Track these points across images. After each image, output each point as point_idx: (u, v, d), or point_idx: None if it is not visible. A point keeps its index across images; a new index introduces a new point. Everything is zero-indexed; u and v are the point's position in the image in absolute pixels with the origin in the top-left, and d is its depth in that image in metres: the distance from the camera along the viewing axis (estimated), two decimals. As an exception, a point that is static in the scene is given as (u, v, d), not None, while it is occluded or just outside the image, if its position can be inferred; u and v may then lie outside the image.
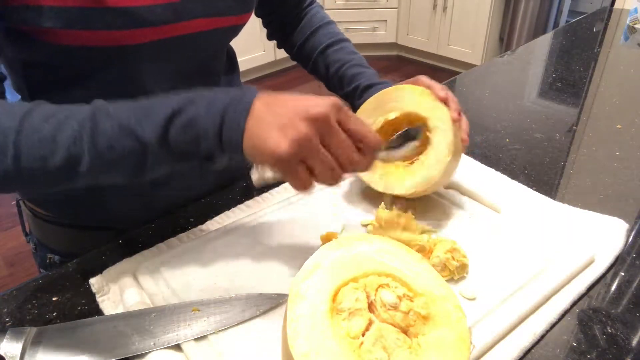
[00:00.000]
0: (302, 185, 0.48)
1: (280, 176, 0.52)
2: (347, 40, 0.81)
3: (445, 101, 0.64)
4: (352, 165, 0.48)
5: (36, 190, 0.49)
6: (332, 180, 0.48)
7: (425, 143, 0.65)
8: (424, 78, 0.66)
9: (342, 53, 0.78)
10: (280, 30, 0.84)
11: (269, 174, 0.55)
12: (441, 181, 0.65)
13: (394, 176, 0.66)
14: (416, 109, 0.65)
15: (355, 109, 0.73)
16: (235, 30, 0.66)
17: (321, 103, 0.46)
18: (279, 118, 0.45)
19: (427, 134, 0.65)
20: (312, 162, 0.46)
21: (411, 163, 0.66)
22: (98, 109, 0.47)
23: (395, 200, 0.67)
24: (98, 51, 0.54)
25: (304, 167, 0.47)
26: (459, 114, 0.64)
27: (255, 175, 0.58)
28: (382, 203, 0.64)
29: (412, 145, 0.65)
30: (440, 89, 0.64)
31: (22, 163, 0.45)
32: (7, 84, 0.58)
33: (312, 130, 0.45)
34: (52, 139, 0.45)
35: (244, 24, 0.67)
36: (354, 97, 0.76)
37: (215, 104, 0.47)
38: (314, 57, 0.80)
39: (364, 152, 0.49)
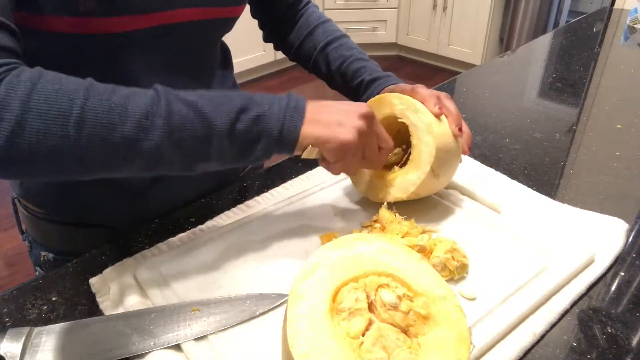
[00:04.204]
0: (353, 169, 0.58)
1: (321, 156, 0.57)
2: (345, 36, 0.81)
3: (438, 116, 0.63)
4: (378, 159, 0.59)
5: (76, 174, 0.47)
6: (377, 164, 0.60)
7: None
8: (421, 89, 0.65)
9: (341, 50, 0.78)
10: (275, 31, 0.84)
11: (317, 154, 0.56)
12: (431, 187, 0.65)
13: (379, 187, 0.67)
14: (405, 120, 0.64)
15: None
16: (225, 23, 0.66)
17: (364, 105, 0.56)
18: (335, 116, 0.53)
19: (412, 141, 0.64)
20: (368, 149, 0.57)
21: (403, 164, 0.66)
22: (166, 91, 0.48)
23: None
24: (85, 39, 0.53)
25: (359, 153, 0.56)
26: (460, 129, 0.64)
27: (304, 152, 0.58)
28: (385, 203, 0.64)
29: (398, 150, 0.68)
30: (434, 104, 0.63)
31: (85, 130, 0.43)
32: None
33: (366, 124, 0.54)
34: (124, 108, 0.45)
35: (235, 18, 0.66)
36: (359, 92, 0.77)
37: (275, 106, 0.52)
38: (314, 56, 0.80)
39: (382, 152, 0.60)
